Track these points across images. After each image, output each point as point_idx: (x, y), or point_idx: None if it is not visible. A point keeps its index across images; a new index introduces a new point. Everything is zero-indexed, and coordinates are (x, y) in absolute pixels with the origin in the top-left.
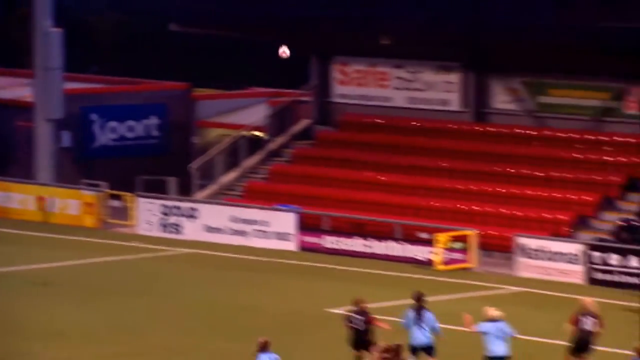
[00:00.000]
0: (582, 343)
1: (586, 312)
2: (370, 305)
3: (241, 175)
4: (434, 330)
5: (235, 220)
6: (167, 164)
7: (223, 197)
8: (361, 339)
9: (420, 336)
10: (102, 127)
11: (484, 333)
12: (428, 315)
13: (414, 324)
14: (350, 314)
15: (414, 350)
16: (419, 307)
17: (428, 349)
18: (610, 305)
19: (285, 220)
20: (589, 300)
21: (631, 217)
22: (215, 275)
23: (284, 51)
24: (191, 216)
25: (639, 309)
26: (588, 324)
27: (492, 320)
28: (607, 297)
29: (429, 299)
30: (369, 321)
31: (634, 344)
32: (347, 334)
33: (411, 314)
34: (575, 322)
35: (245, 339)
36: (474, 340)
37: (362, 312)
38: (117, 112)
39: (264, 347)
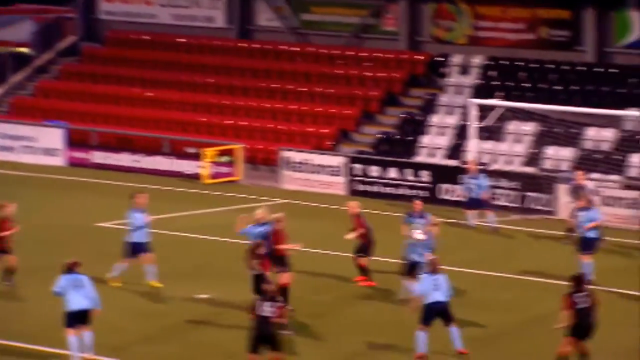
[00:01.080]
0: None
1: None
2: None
3: (7, 91)
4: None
5: (2, 136)
6: None
7: None
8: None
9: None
10: None
11: (249, 234)
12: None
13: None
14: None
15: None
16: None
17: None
18: (371, 215)
19: (52, 136)
20: (353, 204)
21: (390, 130)
22: None
23: None
24: None
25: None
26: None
27: (260, 223)
28: (368, 207)
29: (199, 211)
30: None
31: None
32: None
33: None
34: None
35: (15, 253)
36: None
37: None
38: None
39: (70, 268)
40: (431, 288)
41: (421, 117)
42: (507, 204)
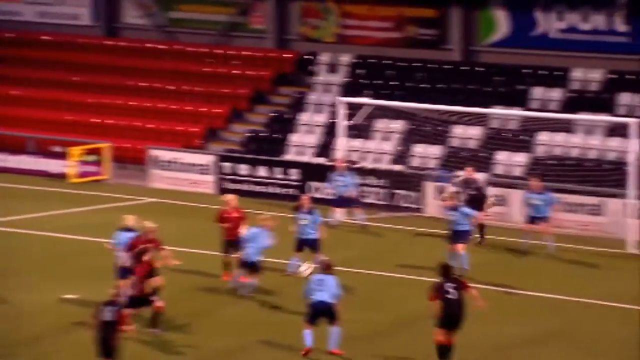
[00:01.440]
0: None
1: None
2: (8, 219)
3: None
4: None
5: None
6: None
7: None
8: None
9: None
10: None
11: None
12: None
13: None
14: None
15: None
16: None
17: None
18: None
19: None
20: (230, 197)
21: (259, 128)
22: None
23: None
24: None
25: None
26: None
27: (127, 229)
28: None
29: (65, 211)
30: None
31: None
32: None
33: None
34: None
35: None
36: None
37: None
38: None
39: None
40: (316, 288)
41: (290, 116)
42: (375, 201)
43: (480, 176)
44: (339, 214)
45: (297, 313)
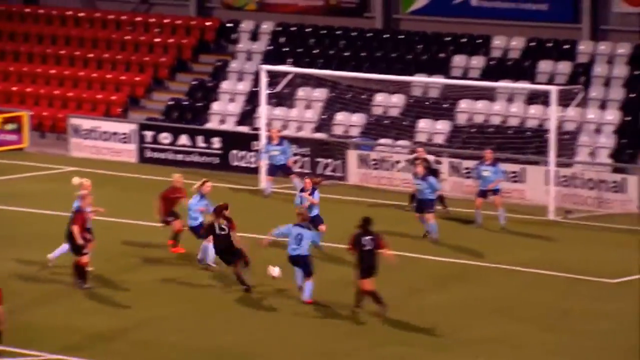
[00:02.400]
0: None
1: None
2: None
3: None
4: None
5: None
6: None
7: None
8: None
9: None
10: None
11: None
12: None
13: None
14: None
15: None
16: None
17: None
18: (163, 183)
19: None
20: (177, 176)
21: (181, 97)
22: None
23: None
24: None
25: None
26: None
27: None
28: (159, 174)
29: None
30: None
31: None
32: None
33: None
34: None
35: None
36: None
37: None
38: None
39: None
40: (291, 238)
41: (212, 84)
42: (299, 170)
43: (430, 157)
44: (269, 183)
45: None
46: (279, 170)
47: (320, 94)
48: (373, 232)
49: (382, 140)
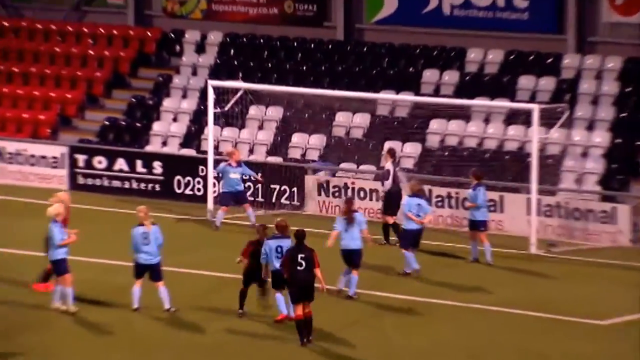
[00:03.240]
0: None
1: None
2: None
3: None
4: None
5: None
6: None
7: None
8: None
9: None
10: None
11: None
12: None
13: None
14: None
15: None
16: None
17: None
18: (98, 212)
19: None
20: (63, 195)
21: (118, 116)
22: None
23: None
24: None
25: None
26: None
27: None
28: (92, 203)
29: None
30: None
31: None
32: None
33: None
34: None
35: None
36: None
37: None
38: None
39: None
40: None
41: (152, 101)
42: (251, 198)
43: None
44: (222, 213)
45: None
46: (236, 198)
47: (275, 112)
48: (308, 249)
49: (344, 165)
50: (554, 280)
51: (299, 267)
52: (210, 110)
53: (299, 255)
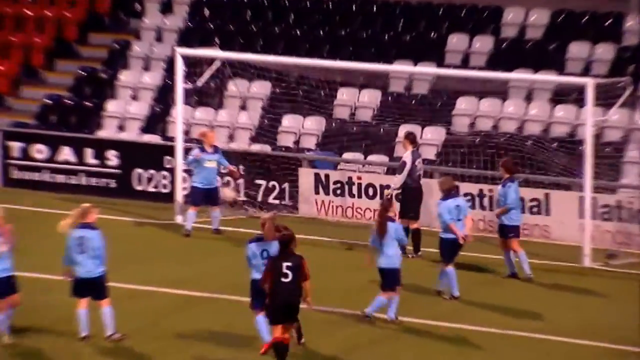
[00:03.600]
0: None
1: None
2: None
3: None
4: None
5: None
6: None
7: None
8: None
9: None
10: None
11: None
12: None
13: None
14: None
15: None
16: None
17: None
18: (36, 215)
19: None
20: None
21: (62, 93)
22: None
23: None
24: None
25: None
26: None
27: None
28: (29, 203)
29: None
30: None
31: None
32: None
33: None
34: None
35: None
36: None
37: None
38: None
39: None
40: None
41: (106, 75)
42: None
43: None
44: (193, 214)
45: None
46: (209, 195)
47: (261, 89)
48: (296, 256)
49: (348, 155)
50: (612, 301)
51: (283, 279)
52: (179, 86)
53: (284, 264)
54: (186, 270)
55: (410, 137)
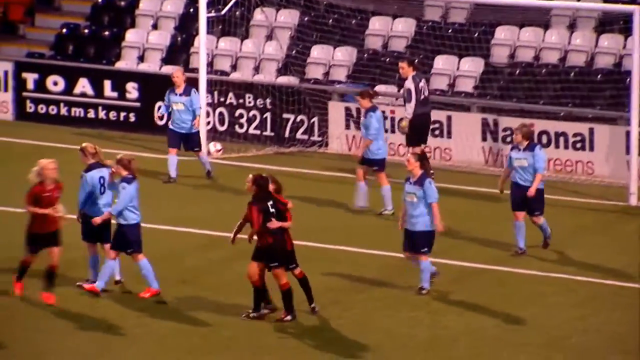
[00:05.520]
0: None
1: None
2: None
3: None
4: None
5: None
6: None
7: None
8: None
9: None
10: None
11: None
12: None
13: None
14: None
15: None
16: None
17: None
18: (52, 150)
19: None
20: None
21: (78, 21)
22: None
23: None
24: None
25: None
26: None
27: None
28: (45, 138)
29: None
30: None
31: None
32: None
33: None
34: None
35: None
36: None
37: None
38: None
39: None
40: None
41: (125, 2)
42: (256, 131)
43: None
44: (174, 158)
45: None
46: (185, 140)
47: (289, 17)
48: (278, 199)
49: (381, 88)
50: None
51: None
52: (202, 14)
53: (272, 205)
54: (208, 209)
55: (409, 61)
